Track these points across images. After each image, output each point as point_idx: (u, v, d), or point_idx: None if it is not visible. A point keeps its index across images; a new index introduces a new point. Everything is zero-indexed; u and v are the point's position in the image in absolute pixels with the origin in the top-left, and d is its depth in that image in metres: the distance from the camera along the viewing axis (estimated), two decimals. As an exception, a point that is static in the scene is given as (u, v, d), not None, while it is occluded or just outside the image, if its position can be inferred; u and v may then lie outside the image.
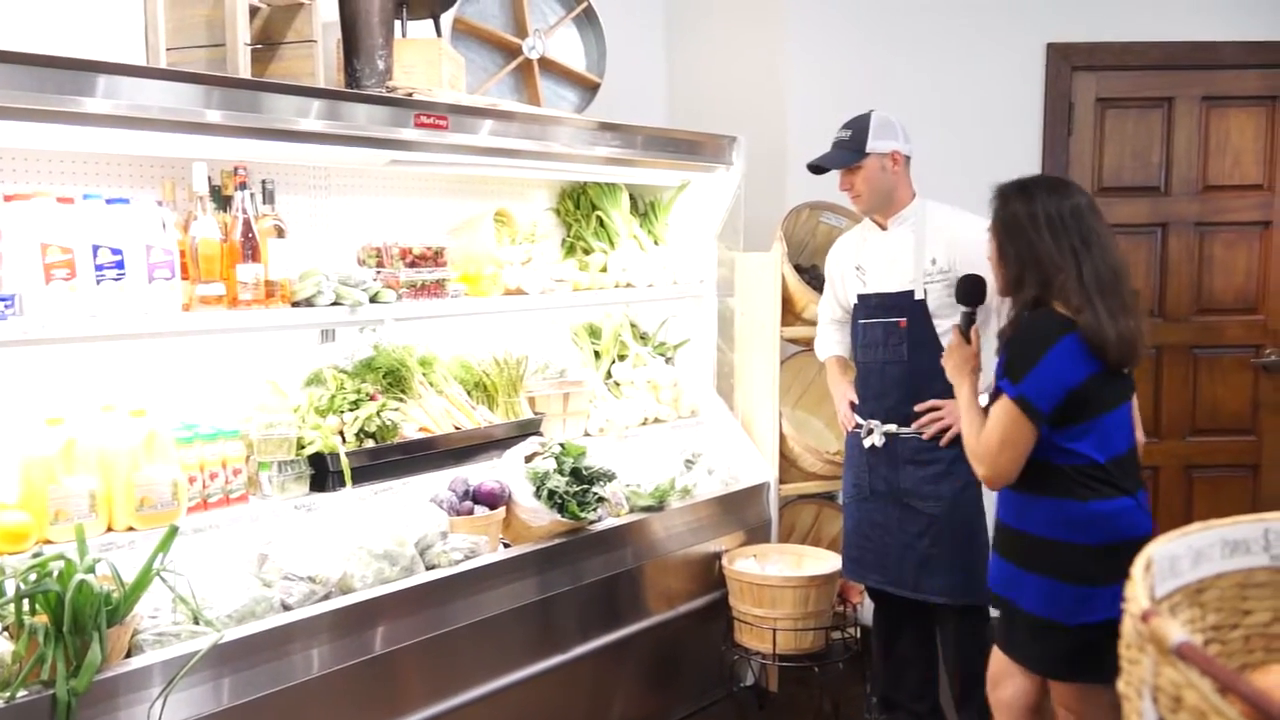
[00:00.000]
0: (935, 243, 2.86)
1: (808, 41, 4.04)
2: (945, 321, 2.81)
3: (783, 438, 3.57)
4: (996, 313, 2.50)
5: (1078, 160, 4.05)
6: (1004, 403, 2.23)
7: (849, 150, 2.91)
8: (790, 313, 3.61)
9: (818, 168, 2.98)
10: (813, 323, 3.61)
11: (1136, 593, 0.81)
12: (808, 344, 3.84)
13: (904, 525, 2.89)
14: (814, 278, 3.75)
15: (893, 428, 2.90)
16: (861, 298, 3.00)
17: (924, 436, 2.85)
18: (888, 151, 2.89)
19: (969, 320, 2.50)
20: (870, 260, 2.97)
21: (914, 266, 2.87)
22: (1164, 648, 0.74)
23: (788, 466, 3.63)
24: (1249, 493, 4.19)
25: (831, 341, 3.26)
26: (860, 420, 3.00)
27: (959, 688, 2.92)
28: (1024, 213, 2.27)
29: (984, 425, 2.30)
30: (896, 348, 2.86)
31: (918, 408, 2.86)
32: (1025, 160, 4.01)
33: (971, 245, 2.66)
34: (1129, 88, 4.04)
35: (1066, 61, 4.00)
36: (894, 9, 4.02)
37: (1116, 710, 2.47)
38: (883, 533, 2.94)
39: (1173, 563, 0.88)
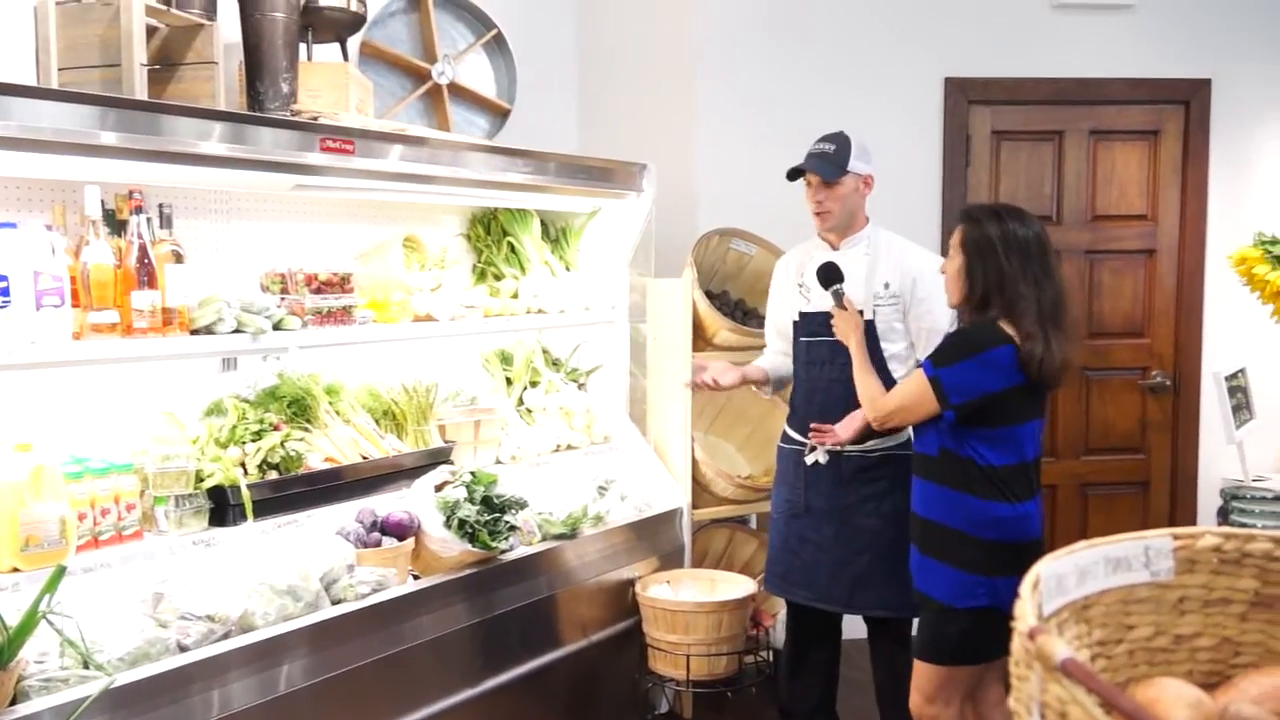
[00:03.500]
0: (888, 268, 2.94)
1: (717, 72, 4.12)
2: (891, 345, 2.92)
3: (695, 463, 3.61)
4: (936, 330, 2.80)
5: (975, 190, 4.20)
6: (919, 375, 2.48)
7: (832, 164, 2.91)
8: (701, 338, 3.66)
9: (798, 172, 2.96)
10: (724, 348, 3.67)
11: (1024, 610, 0.85)
12: (719, 369, 3.89)
13: (841, 542, 2.93)
14: (725, 303, 3.81)
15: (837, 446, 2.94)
16: (805, 315, 3.03)
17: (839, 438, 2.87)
18: (863, 174, 2.95)
19: (838, 295, 2.84)
20: (818, 283, 2.97)
21: (864, 288, 2.93)
22: (1050, 664, 0.77)
23: (700, 491, 3.66)
24: (1140, 509, 4.38)
25: (766, 358, 3.27)
26: (797, 436, 3.03)
27: (897, 704, 2.93)
28: (996, 236, 2.42)
29: (875, 378, 2.69)
30: (844, 367, 2.86)
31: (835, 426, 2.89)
32: (927, 190, 4.16)
33: (923, 275, 2.83)
34: (1022, 121, 4.22)
35: (963, 95, 4.16)
36: (802, 44, 4.13)
37: (970, 699, 2.65)
38: (814, 549, 2.98)
39: (1059, 580, 0.92)
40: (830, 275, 2.87)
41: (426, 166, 2.92)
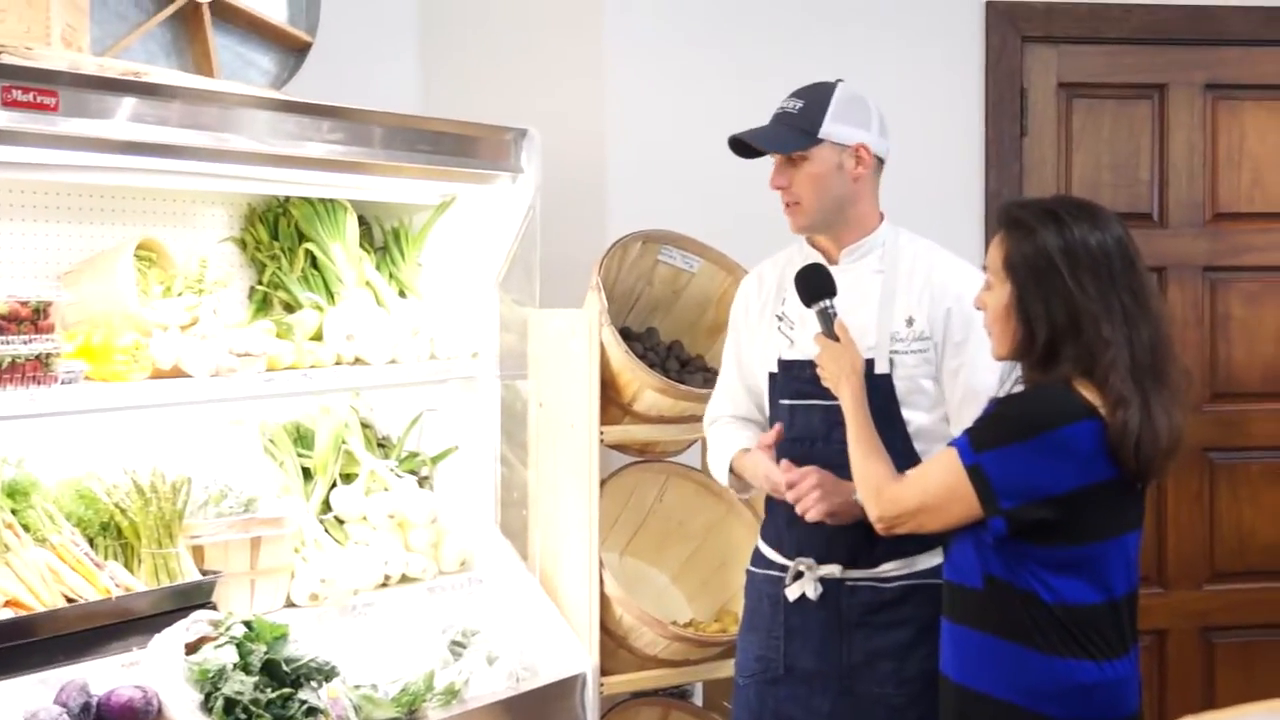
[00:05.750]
0: (914, 293, 2.96)
1: (637, -12, 4.21)
2: (917, 414, 2.93)
3: (605, 602, 3.61)
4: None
5: (1035, 172, 4.33)
6: (950, 460, 2.48)
7: (794, 129, 2.95)
8: (615, 403, 3.68)
9: (742, 145, 2.98)
10: (649, 419, 3.68)
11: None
12: (643, 451, 3.91)
13: None
14: (651, 347, 3.83)
15: (835, 570, 2.93)
16: (785, 365, 3.03)
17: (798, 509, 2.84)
18: (851, 144, 2.94)
19: (827, 316, 2.86)
20: (803, 308, 2.97)
21: (877, 325, 2.94)
22: None
23: (614, 648, 3.66)
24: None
25: (736, 440, 3.18)
26: (774, 557, 3.03)
27: None
28: (1057, 249, 2.42)
29: (883, 456, 2.67)
30: (844, 445, 2.81)
31: (787, 477, 2.84)
32: (961, 175, 4.26)
33: (963, 302, 2.83)
34: (1104, 69, 4.36)
35: (1014, 29, 4.29)
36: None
37: None
38: None
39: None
40: (815, 284, 2.90)
41: (176, 132, 2.93)
